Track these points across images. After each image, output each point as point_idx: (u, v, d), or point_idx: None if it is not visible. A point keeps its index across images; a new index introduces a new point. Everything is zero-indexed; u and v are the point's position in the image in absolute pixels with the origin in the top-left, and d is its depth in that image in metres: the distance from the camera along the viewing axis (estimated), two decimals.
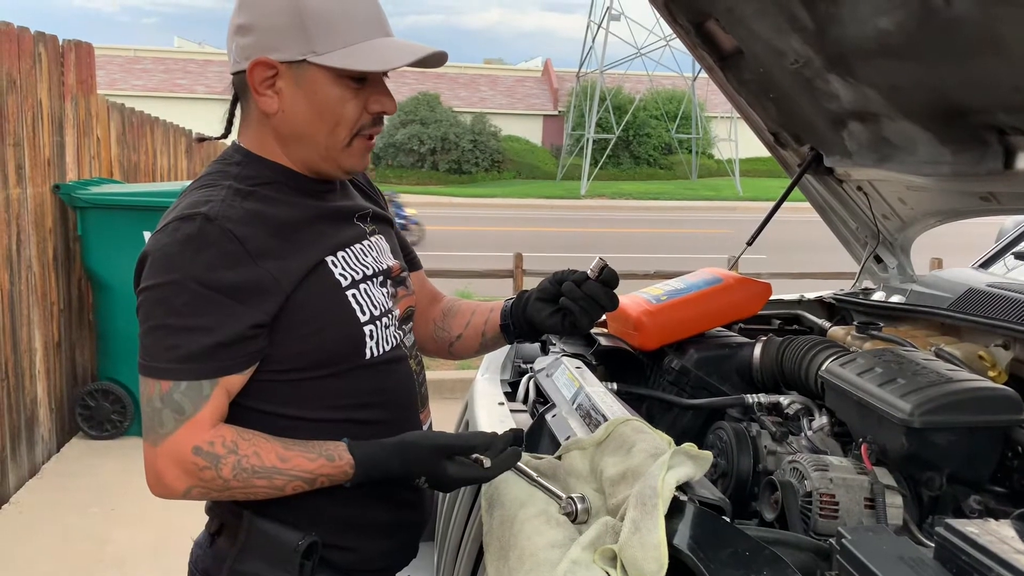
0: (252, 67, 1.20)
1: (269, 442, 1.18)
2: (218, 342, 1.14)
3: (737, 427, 1.67)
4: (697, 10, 2.08)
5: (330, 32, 1.18)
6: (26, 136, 4.10)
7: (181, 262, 1.14)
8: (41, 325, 4.28)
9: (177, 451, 1.14)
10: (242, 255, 1.16)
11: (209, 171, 1.28)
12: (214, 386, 1.16)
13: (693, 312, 2.05)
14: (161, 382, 1.15)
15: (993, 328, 1.90)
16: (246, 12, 1.21)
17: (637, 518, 1.07)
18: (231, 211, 1.18)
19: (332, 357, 1.25)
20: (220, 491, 1.16)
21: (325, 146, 1.24)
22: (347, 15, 1.19)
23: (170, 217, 1.19)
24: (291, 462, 1.17)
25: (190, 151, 8.41)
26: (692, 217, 21.28)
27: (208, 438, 1.15)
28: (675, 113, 31.88)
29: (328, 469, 1.19)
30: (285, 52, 1.18)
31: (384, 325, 1.31)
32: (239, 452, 1.15)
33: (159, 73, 32.32)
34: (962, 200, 2.17)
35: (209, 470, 1.14)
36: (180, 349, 1.14)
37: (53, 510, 3.81)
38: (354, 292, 1.27)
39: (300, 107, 1.21)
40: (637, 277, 6.92)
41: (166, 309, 1.15)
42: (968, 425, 1.42)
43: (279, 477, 1.17)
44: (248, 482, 1.16)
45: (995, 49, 1.43)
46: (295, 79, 1.20)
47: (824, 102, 2.02)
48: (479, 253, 11.96)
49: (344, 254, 1.28)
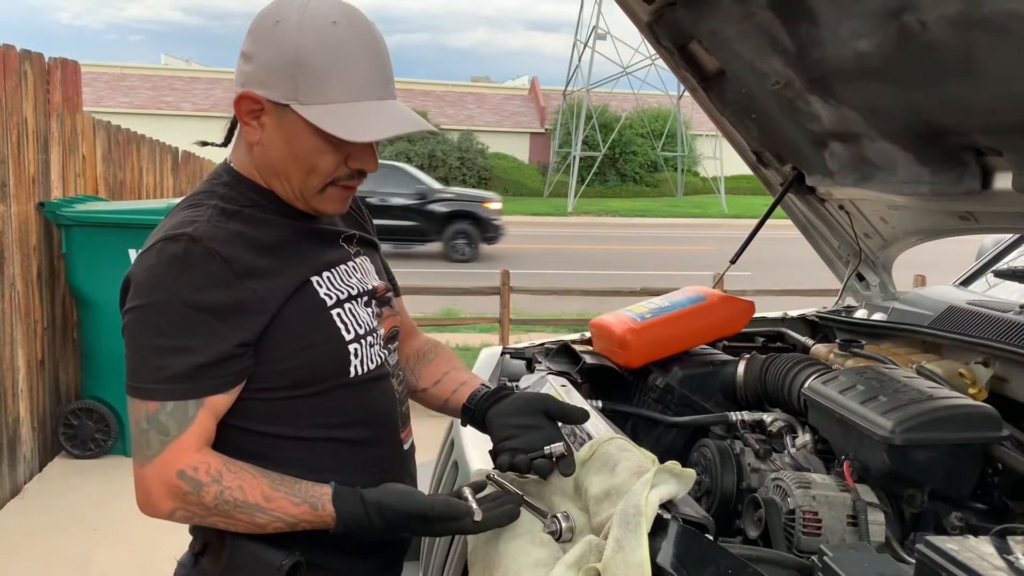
0: (240, 97, 1.21)
1: (255, 478, 1.17)
2: (203, 362, 1.15)
3: (721, 444, 1.68)
4: (680, 32, 2.10)
5: (320, 86, 1.17)
6: (11, 154, 4.09)
7: (167, 283, 1.15)
8: (24, 343, 4.25)
9: (162, 473, 1.14)
10: (228, 275, 1.16)
11: (197, 191, 1.29)
12: (200, 407, 1.16)
13: (677, 330, 2.06)
14: (148, 403, 1.15)
15: (973, 346, 1.92)
16: (252, 42, 1.21)
17: (620, 536, 1.07)
18: (216, 232, 1.18)
19: (317, 375, 1.25)
20: (202, 517, 1.17)
21: (299, 187, 1.24)
22: (343, 73, 1.18)
23: (156, 238, 1.20)
24: (275, 503, 1.17)
25: (176, 169, 8.40)
26: (678, 234, 21.37)
27: (193, 463, 1.14)
28: (661, 131, 32.07)
29: (310, 516, 1.18)
30: (273, 92, 1.19)
31: (369, 344, 1.31)
32: (223, 483, 1.15)
33: (146, 90, 32.28)
34: (941, 219, 2.20)
35: (191, 495, 1.14)
36: (166, 370, 1.14)
37: (35, 531, 3.77)
38: (339, 311, 1.27)
39: (278, 146, 1.22)
40: (623, 294, 6.94)
41: (152, 330, 1.15)
42: (949, 442, 1.43)
43: (261, 516, 1.17)
44: (229, 514, 1.16)
45: (971, 72, 1.46)
46: (278, 119, 1.20)
47: (805, 123, 2.05)
48: (466, 271, 11.97)
49: (329, 274, 1.29)
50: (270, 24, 1.19)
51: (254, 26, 1.22)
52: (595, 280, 10.59)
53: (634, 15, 2.16)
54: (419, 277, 10.50)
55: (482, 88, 39.18)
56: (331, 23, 1.18)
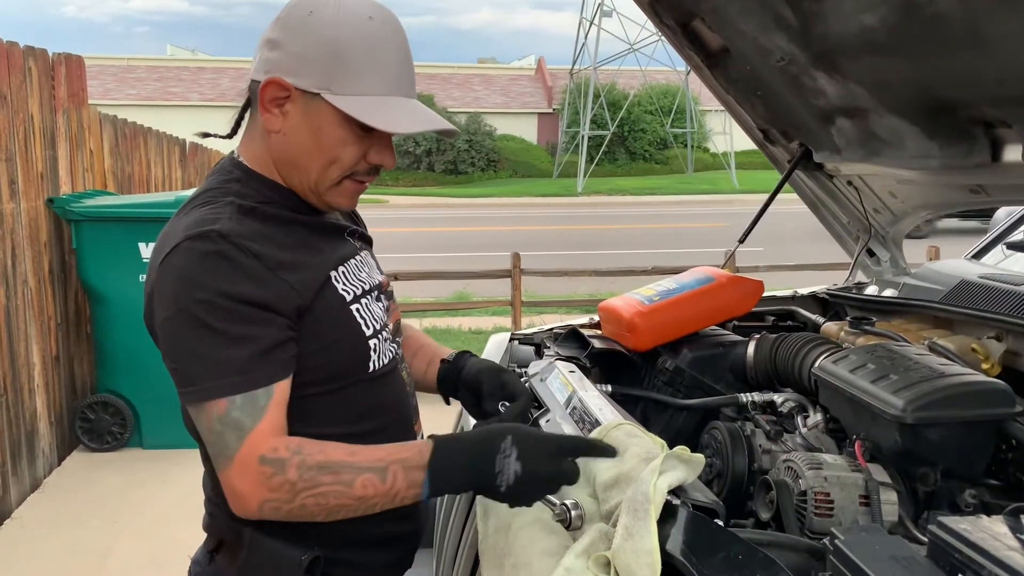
0: (266, 83, 1.19)
1: (337, 444, 1.16)
2: (261, 349, 1.13)
3: (731, 426, 1.67)
4: (683, 10, 2.08)
5: (354, 77, 1.18)
6: (18, 151, 4.10)
7: (204, 280, 1.13)
8: (39, 339, 4.28)
9: (246, 465, 1.12)
10: (261, 269, 1.15)
11: (208, 188, 1.27)
12: (269, 396, 1.14)
13: (686, 312, 2.05)
14: (217, 403, 1.12)
15: (986, 320, 1.90)
16: (282, 30, 1.20)
17: (629, 524, 1.07)
18: (241, 228, 1.17)
19: (341, 372, 1.25)
20: (290, 500, 1.12)
21: (315, 179, 1.24)
22: (377, 66, 1.19)
23: (179, 238, 1.16)
24: (359, 455, 1.14)
25: (184, 161, 8.41)
26: (689, 212, 21.28)
27: (272, 445, 1.12)
28: (669, 108, 31.87)
29: (401, 452, 1.15)
30: (303, 80, 1.18)
31: (384, 338, 1.32)
32: (303, 452, 1.12)
33: (153, 82, 32.32)
34: (951, 193, 2.18)
35: (277, 476, 1.11)
36: (226, 364, 1.12)
37: (55, 524, 3.82)
38: (357, 307, 1.27)
39: (302, 135, 1.21)
40: (635, 273, 6.92)
41: (200, 330, 1.12)
42: (961, 420, 1.42)
43: (347, 471, 1.12)
44: (314, 480, 1.11)
45: (978, 44, 1.43)
46: (304, 108, 1.20)
47: (811, 99, 2.03)
48: (477, 253, 11.97)
49: (344, 269, 1.29)
50: (304, 14, 1.19)
51: (285, 15, 1.21)
52: (606, 260, 10.57)
53: None
54: (430, 262, 10.51)
55: (488, 69, 39.03)
56: (367, 18, 1.19)
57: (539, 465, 1.16)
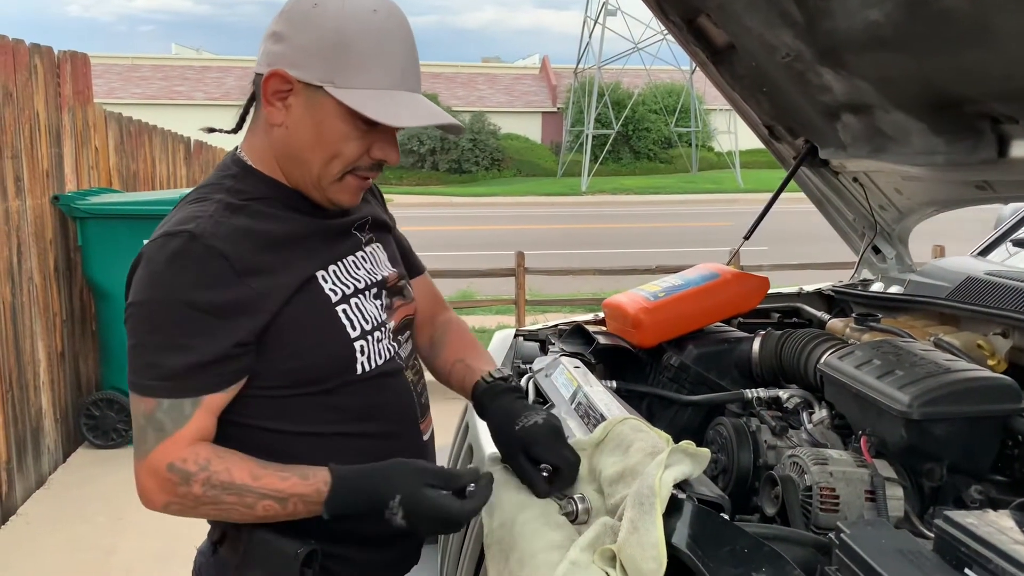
0: (269, 76, 1.18)
1: (245, 461, 1.17)
2: (199, 361, 1.14)
3: (737, 422, 1.67)
4: (689, 6, 2.08)
5: (358, 70, 1.17)
6: (24, 148, 4.11)
7: (165, 280, 1.14)
8: (44, 336, 4.29)
9: (154, 466, 1.15)
10: (227, 273, 1.15)
11: (204, 183, 1.28)
12: (196, 406, 1.15)
13: (691, 308, 2.05)
14: (145, 399, 1.16)
15: (991, 317, 1.90)
16: (286, 22, 1.19)
17: (635, 517, 1.07)
18: (219, 228, 1.17)
19: (322, 374, 1.24)
20: (194, 507, 1.17)
21: (317, 174, 1.22)
22: (381, 59, 1.18)
23: (160, 231, 1.19)
24: (262, 481, 1.16)
25: (189, 158, 8.42)
26: (694, 211, 21.26)
27: (183, 455, 1.15)
28: (674, 107, 31.83)
29: (300, 488, 1.16)
30: (306, 73, 1.17)
31: (377, 339, 1.30)
32: (210, 469, 1.15)
33: (157, 80, 32.35)
34: (958, 189, 2.17)
35: (181, 486, 1.14)
36: (161, 368, 1.14)
37: (60, 520, 3.83)
38: (344, 307, 1.26)
39: (304, 129, 1.20)
40: (639, 272, 6.92)
41: (148, 327, 1.15)
42: (967, 415, 1.42)
43: (249, 495, 1.15)
44: (218, 499, 1.15)
45: (985, 39, 1.43)
46: (307, 101, 1.19)
47: (817, 95, 2.02)
48: (481, 252, 11.97)
49: (335, 268, 1.28)
50: (308, 6, 1.18)
51: (289, 7, 1.20)
52: (610, 259, 10.57)
53: None
54: (434, 260, 10.51)
55: (493, 68, 38.99)
56: (372, 11, 1.18)
57: (421, 525, 1.19)
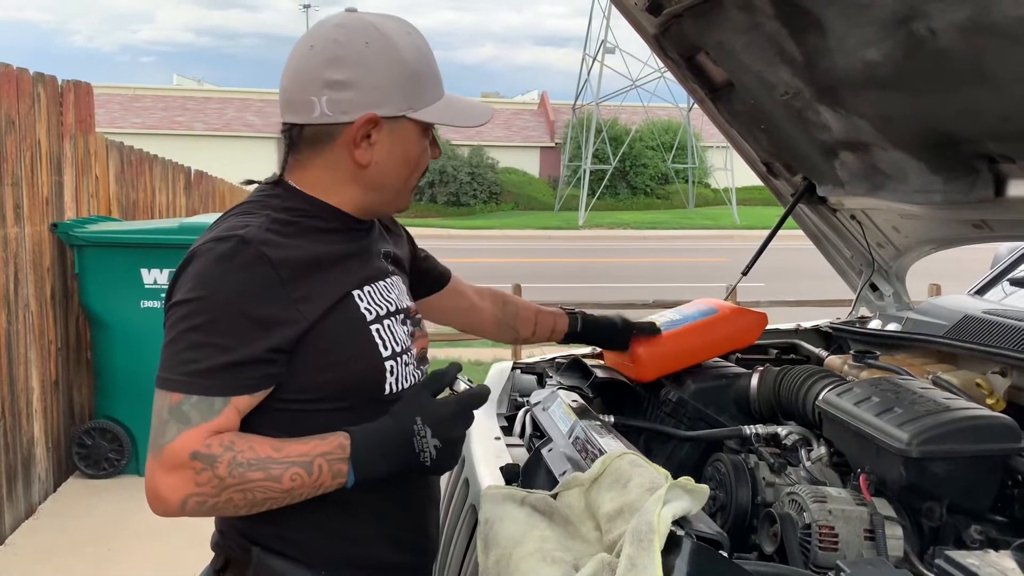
0: (362, 123, 1.23)
1: (264, 439, 1.17)
2: (233, 361, 1.15)
3: (735, 459, 1.66)
4: (687, 44, 2.10)
5: (423, 90, 1.27)
6: (24, 176, 4.12)
7: (211, 280, 1.16)
8: (38, 364, 4.26)
9: (175, 458, 1.12)
10: (272, 280, 1.17)
11: (248, 200, 1.31)
12: (225, 404, 1.15)
13: (690, 343, 2.04)
14: (172, 394, 1.14)
15: (990, 355, 1.90)
16: (347, 69, 1.22)
17: (633, 554, 1.06)
18: (267, 236, 1.19)
19: (352, 389, 1.25)
20: (217, 495, 1.13)
21: (398, 190, 1.33)
22: (432, 73, 1.29)
23: (207, 238, 1.21)
24: (284, 450, 1.16)
25: (189, 188, 8.45)
26: (690, 246, 21.33)
27: (206, 441, 1.13)
28: (671, 143, 32.09)
29: (322, 447, 1.17)
30: (387, 108, 1.24)
31: (404, 363, 1.32)
32: (235, 448, 1.14)
33: (158, 111, 32.57)
34: (955, 228, 2.18)
35: (206, 471, 1.12)
36: (195, 364, 1.14)
37: (49, 551, 3.77)
38: (378, 327, 1.28)
39: (393, 158, 1.28)
40: (636, 307, 6.92)
41: (188, 324, 1.16)
42: (967, 454, 1.41)
43: (275, 466, 1.14)
44: (243, 477, 1.13)
45: (981, 79, 1.45)
46: (390, 132, 1.26)
47: (815, 132, 2.04)
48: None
49: (370, 288, 1.30)
50: (360, 47, 1.22)
51: (340, 54, 1.22)
52: (607, 293, 10.56)
53: (641, 28, 2.16)
54: None
55: (492, 103, 39.17)
56: (407, 33, 1.27)
57: (453, 431, 1.24)
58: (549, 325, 1.89)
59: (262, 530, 1.24)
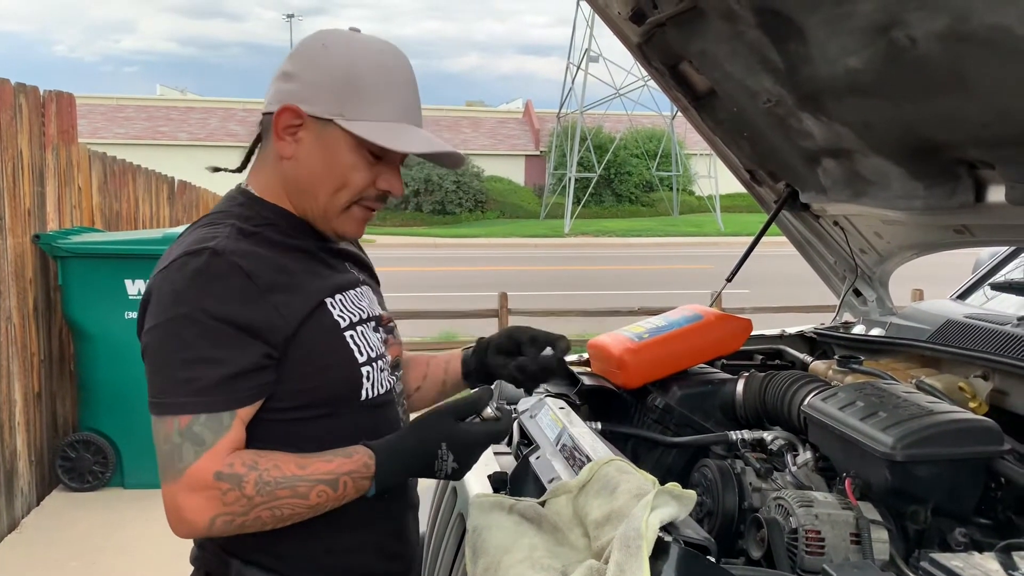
0: (281, 111, 1.24)
1: (287, 455, 1.17)
2: (234, 372, 1.15)
3: (722, 464, 1.67)
4: (670, 52, 2.11)
5: (366, 103, 1.24)
6: (6, 187, 4.09)
7: (190, 296, 1.15)
8: (21, 376, 4.23)
9: (199, 479, 1.12)
10: (250, 289, 1.17)
11: (213, 211, 1.31)
12: (233, 418, 1.15)
13: (675, 349, 2.05)
14: (180, 417, 1.13)
15: (972, 359, 1.92)
16: (297, 62, 1.27)
17: (621, 560, 1.06)
18: (237, 246, 1.19)
19: (330, 397, 1.25)
20: (245, 513, 1.13)
21: (324, 205, 1.28)
22: (389, 93, 1.26)
23: (175, 253, 1.20)
24: (310, 468, 1.16)
25: (172, 198, 8.41)
26: (675, 253, 21.40)
27: (228, 461, 1.13)
28: (655, 151, 32.22)
29: (348, 466, 1.18)
30: (316, 107, 1.23)
31: (379, 368, 1.32)
32: (259, 467, 1.14)
33: (141, 121, 32.40)
34: (936, 233, 2.20)
35: (232, 491, 1.12)
36: (198, 382, 1.13)
37: (32, 566, 3.73)
38: (351, 333, 1.28)
39: (313, 160, 1.25)
40: (621, 314, 6.94)
41: (178, 344, 1.15)
42: (950, 457, 1.42)
43: (302, 484, 1.15)
44: (272, 495, 1.13)
45: (962, 86, 1.47)
46: (317, 134, 1.25)
47: (798, 140, 2.06)
48: (464, 293, 11.97)
49: (341, 296, 1.30)
50: (318, 47, 1.26)
51: (300, 49, 1.28)
52: (593, 301, 10.59)
53: (624, 37, 2.18)
54: (417, 301, 10.50)
55: (477, 112, 39.38)
56: (379, 50, 1.27)
57: (472, 458, 1.28)
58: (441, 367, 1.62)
59: (242, 543, 1.23)
